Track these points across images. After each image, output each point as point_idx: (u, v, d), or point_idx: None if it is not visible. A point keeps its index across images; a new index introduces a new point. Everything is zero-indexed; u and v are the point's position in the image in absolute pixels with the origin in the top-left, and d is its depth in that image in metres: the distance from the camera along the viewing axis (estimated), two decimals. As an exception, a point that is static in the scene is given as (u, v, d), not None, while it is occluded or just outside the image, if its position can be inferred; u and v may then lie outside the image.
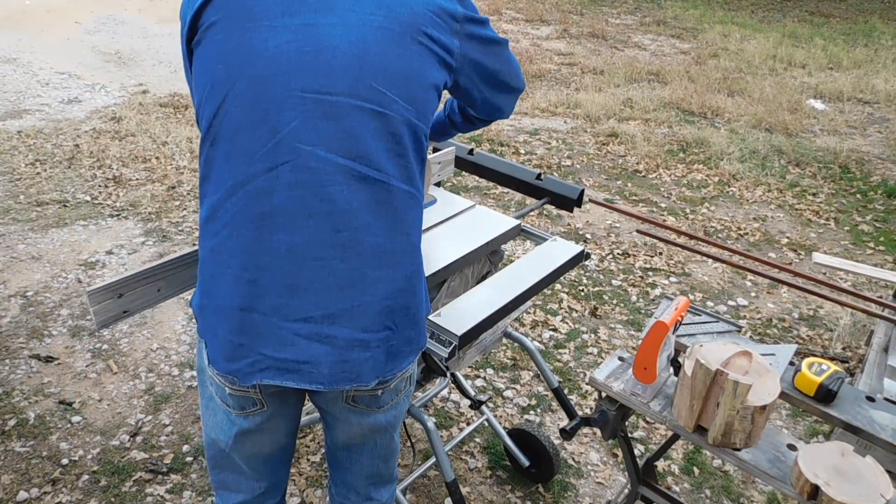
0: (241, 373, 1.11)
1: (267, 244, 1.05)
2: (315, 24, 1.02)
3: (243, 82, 1.02)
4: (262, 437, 1.27)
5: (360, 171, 1.05)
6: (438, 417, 2.50)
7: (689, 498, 2.22)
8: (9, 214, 3.78)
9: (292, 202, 1.04)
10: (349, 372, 1.13)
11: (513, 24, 9.61)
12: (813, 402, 1.39)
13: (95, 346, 2.78)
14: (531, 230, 1.89)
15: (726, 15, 10.81)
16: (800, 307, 3.34)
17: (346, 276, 1.08)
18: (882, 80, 7.25)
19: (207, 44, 1.04)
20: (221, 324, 1.11)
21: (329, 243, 1.06)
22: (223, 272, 1.09)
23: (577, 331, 3.04)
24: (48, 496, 2.10)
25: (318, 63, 1.02)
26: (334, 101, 1.03)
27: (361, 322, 1.11)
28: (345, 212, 1.06)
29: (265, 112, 1.02)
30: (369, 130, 1.05)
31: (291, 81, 1.01)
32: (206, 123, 1.06)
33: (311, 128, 1.02)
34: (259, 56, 1.01)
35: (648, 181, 4.75)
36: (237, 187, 1.05)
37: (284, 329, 1.08)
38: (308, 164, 1.03)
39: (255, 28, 1.01)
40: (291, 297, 1.07)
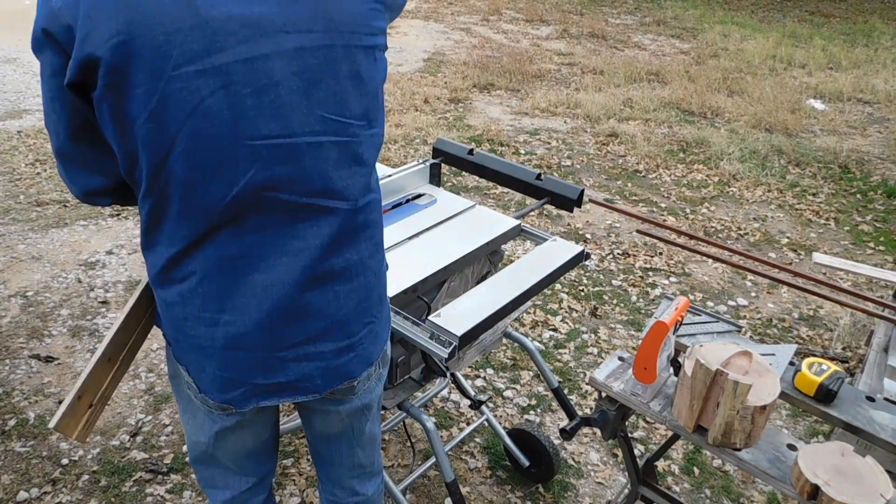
0: (237, 401, 1.13)
1: (242, 285, 1.04)
2: (249, 58, 0.90)
3: (183, 140, 0.91)
4: (243, 434, 1.28)
5: (325, 205, 1.04)
6: (438, 417, 2.50)
7: (689, 498, 2.22)
8: (9, 214, 3.78)
9: (263, 242, 1.02)
10: (341, 374, 1.17)
11: (513, 24, 9.61)
12: (813, 402, 1.39)
13: (95, 346, 2.78)
14: (531, 230, 1.89)
15: (726, 15, 10.81)
16: (800, 307, 3.34)
17: (320, 301, 1.09)
18: (882, 80, 7.25)
19: (124, 101, 0.89)
20: (208, 361, 1.10)
21: (304, 279, 1.06)
22: (198, 316, 1.06)
23: (577, 331, 3.04)
24: (48, 496, 2.10)
25: (263, 106, 0.93)
26: (288, 144, 0.97)
27: (343, 332, 1.14)
28: (315, 247, 1.05)
29: (216, 168, 0.94)
30: (329, 163, 1.02)
31: (237, 131, 0.93)
32: (145, 183, 0.96)
33: (269, 175, 0.97)
34: (195, 110, 0.89)
35: (648, 181, 4.75)
36: (201, 237, 1.00)
37: (272, 358, 1.10)
38: (274, 206, 1.00)
39: (179, 77, 0.87)
40: (272, 331, 1.07)
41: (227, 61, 0.90)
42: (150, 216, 1.01)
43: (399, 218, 1.83)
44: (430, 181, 2.08)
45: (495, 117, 5.86)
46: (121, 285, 3.20)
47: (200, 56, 0.88)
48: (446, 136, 5.11)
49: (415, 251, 1.68)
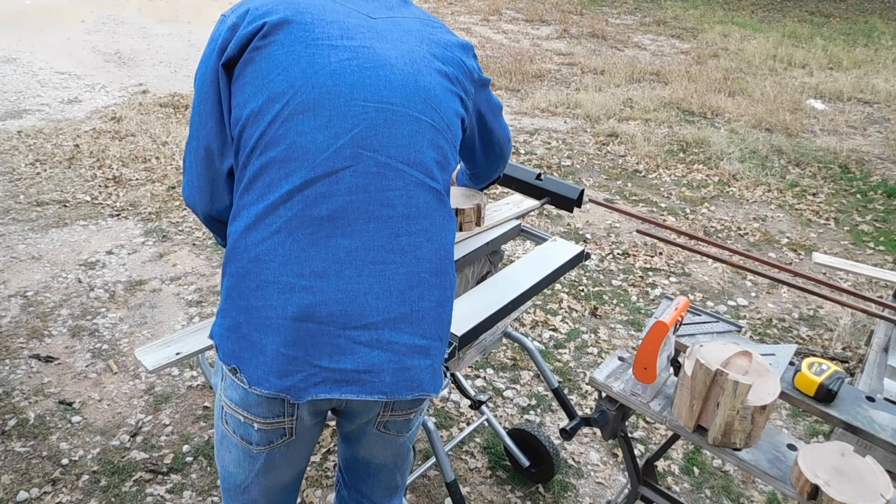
0: (295, 388, 1.05)
1: (325, 249, 1.04)
2: (371, 46, 1.10)
3: (305, 91, 1.05)
4: (283, 469, 1.24)
5: (417, 177, 1.10)
6: (438, 417, 2.50)
7: (689, 498, 2.22)
8: (9, 214, 3.78)
9: (352, 206, 1.05)
10: (411, 380, 1.10)
11: (513, 24, 9.61)
12: (813, 402, 1.39)
13: (95, 346, 2.78)
14: (531, 230, 1.89)
15: (726, 15, 10.81)
16: (800, 307, 3.34)
17: (406, 280, 1.08)
18: (882, 79, 7.25)
19: (263, 59, 1.06)
20: (271, 337, 1.04)
21: (389, 247, 1.07)
22: (273, 281, 1.04)
23: (577, 331, 3.04)
24: (48, 496, 2.10)
25: (378, 77, 1.08)
26: (395, 111, 1.08)
27: (421, 327, 1.10)
28: (404, 216, 1.08)
29: (327, 119, 1.05)
30: (425, 140, 1.11)
31: (353, 91, 1.06)
32: (259, 133, 1.06)
33: (373, 134, 1.06)
34: (322, 69, 1.06)
35: (648, 181, 4.75)
36: (294, 192, 1.04)
37: (343, 337, 1.05)
38: (369, 168, 1.06)
39: (316, 46, 1.07)
40: (350, 303, 1.04)
41: (356, 45, 1.09)
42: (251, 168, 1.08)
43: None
44: None
45: (495, 117, 5.86)
46: (121, 285, 3.20)
47: (335, 38, 1.09)
48: (446, 136, 5.10)
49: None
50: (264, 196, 1.05)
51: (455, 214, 1.25)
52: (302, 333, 1.03)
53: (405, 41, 1.14)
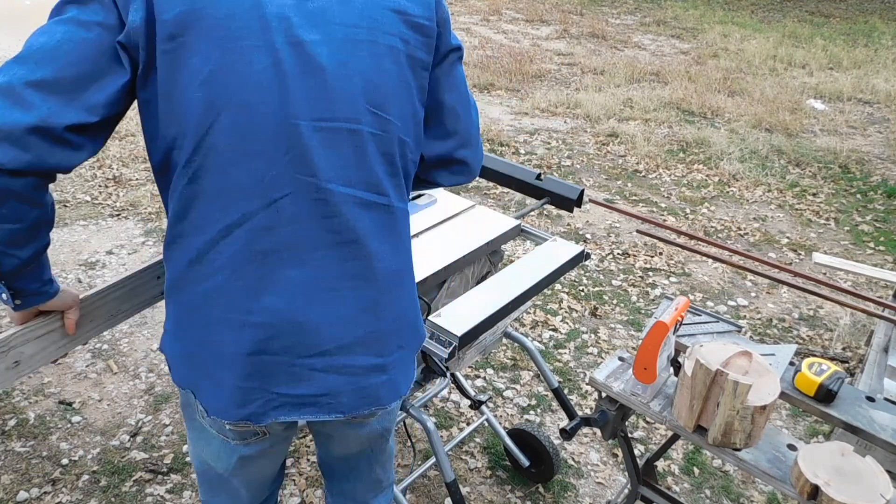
0: (255, 415, 1.06)
1: (273, 283, 1.00)
2: (299, 41, 0.93)
3: (229, 112, 0.92)
4: (264, 462, 1.23)
5: (363, 197, 1.02)
6: (438, 417, 2.50)
7: (689, 498, 2.22)
8: (9, 214, 3.78)
9: (297, 236, 0.99)
10: (368, 397, 1.10)
11: (513, 24, 9.62)
12: (813, 402, 1.39)
13: (95, 346, 2.78)
14: (531, 230, 1.89)
15: (726, 15, 10.81)
16: (800, 307, 3.34)
17: (359, 304, 1.05)
18: (882, 79, 7.25)
19: (178, 68, 0.90)
20: (226, 372, 1.03)
21: (338, 274, 1.02)
22: (224, 317, 1.01)
23: (577, 331, 3.04)
24: (48, 496, 2.10)
25: (308, 87, 0.95)
26: (330, 128, 0.97)
27: (377, 348, 1.09)
28: (351, 241, 1.02)
29: (259, 143, 0.94)
30: (367, 155, 1.01)
31: (284, 109, 0.94)
32: (185, 157, 0.94)
33: (309, 158, 0.96)
34: (245, 82, 0.91)
35: (648, 181, 4.75)
36: (233, 227, 0.97)
37: (298, 366, 1.04)
38: (310, 195, 0.98)
39: (235, 49, 0.90)
40: (303, 333, 1.03)
41: (281, 41, 0.93)
42: (184, 197, 0.97)
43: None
44: None
45: (495, 117, 5.86)
46: (121, 285, 3.20)
47: (256, 33, 0.91)
48: (446, 136, 5.10)
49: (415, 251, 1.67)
50: (202, 230, 0.98)
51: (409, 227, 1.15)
52: (257, 366, 1.03)
53: (339, 22, 0.96)
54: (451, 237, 1.75)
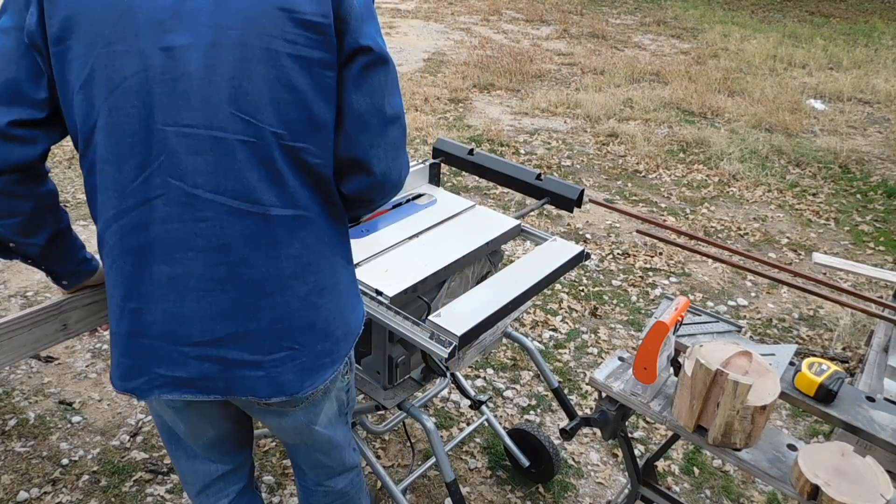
0: (139, 390, 1.14)
1: (147, 275, 1.05)
2: (170, 47, 0.95)
3: (104, 115, 0.97)
4: (200, 419, 1.28)
5: (230, 204, 1.01)
6: (438, 417, 2.50)
7: (689, 498, 2.22)
8: (9, 214, 3.78)
9: (168, 235, 1.03)
10: (243, 387, 1.13)
11: (513, 24, 9.62)
12: (813, 402, 1.39)
13: (95, 346, 2.78)
14: (531, 230, 1.89)
15: (726, 15, 10.81)
16: (800, 307, 3.34)
17: (229, 306, 1.07)
18: (882, 79, 7.25)
19: (65, 68, 0.97)
20: (114, 346, 1.13)
21: (207, 276, 1.05)
22: (112, 298, 1.10)
23: (577, 331, 3.04)
24: (48, 496, 2.10)
25: (176, 94, 0.96)
26: (196, 135, 0.98)
27: (249, 346, 1.10)
28: (219, 247, 1.04)
29: (130, 147, 0.98)
30: (236, 162, 1.00)
31: (153, 114, 0.97)
32: (81, 152, 1.04)
33: (177, 162, 0.99)
34: (117, 88, 0.96)
35: (648, 181, 4.75)
36: (111, 221, 1.04)
37: (175, 352, 1.10)
38: (179, 199, 1.01)
39: (108, 54, 0.95)
40: (177, 324, 1.07)
41: (151, 46, 0.95)
42: (87, 186, 1.07)
43: (399, 218, 1.83)
44: (430, 181, 2.08)
45: (495, 117, 5.86)
46: (121, 285, 3.21)
47: (128, 38, 0.95)
48: (446, 136, 5.11)
49: (415, 251, 1.68)
50: (98, 218, 1.07)
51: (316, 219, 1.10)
52: (137, 346, 1.10)
53: (212, 24, 0.95)
54: (451, 237, 1.75)
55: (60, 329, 1.36)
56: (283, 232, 1.07)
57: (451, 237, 1.75)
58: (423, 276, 1.55)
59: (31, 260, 1.15)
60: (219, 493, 1.42)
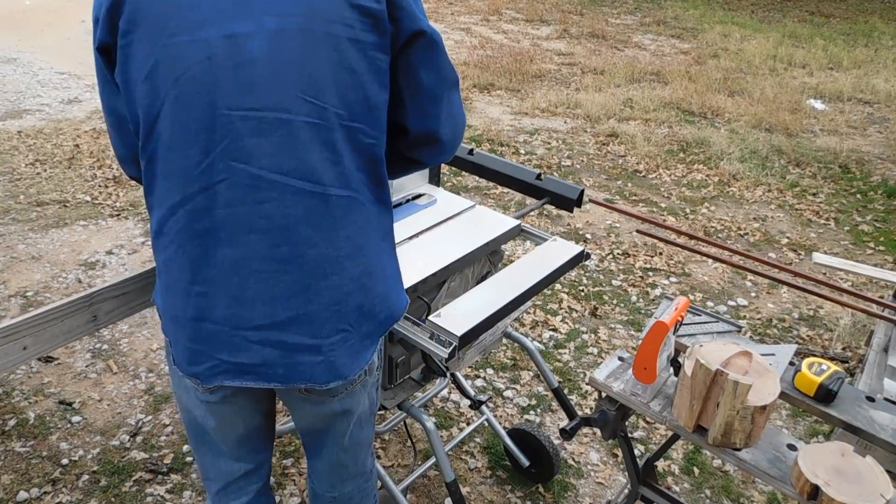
0: (203, 375, 1.16)
1: (212, 259, 1.08)
2: (233, 34, 0.99)
3: (169, 103, 1.02)
4: (230, 415, 1.29)
5: (293, 185, 1.05)
6: (438, 417, 2.50)
7: (689, 498, 2.22)
8: (9, 214, 3.78)
9: (232, 218, 1.06)
10: (302, 373, 1.16)
11: (513, 24, 9.62)
12: (813, 402, 1.39)
13: (95, 346, 2.78)
14: (531, 230, 1.89)
15: (726, 15, 10.81)
16: (800, 307, 3.34)
17: (290, 287, 1.10)
18: (882, 79, 7.25)
19: (129, 61, 1.03)
20: (180, 332, 1.15)
21: (270, 257, 1.08)
22: (175, 285, 1.13)
23: (577, 331, 3.04)
24: (48, 496, 2.10)
25: (240, 79, 1.00)
26: (261, 118, 1.02)
27: (309, 329, 1.13)
28: (282, 227, 1.07)
29: (195, 133, 1.02)
30: (299, 143, 1.04)
31: (216, 100, 1.01)
32: (142, 141, 1.07)
33: (241, 146, 1.02)
34: (181, 76, 1.00)
35: (648, 181, 4.75)
36: (176, 206, 1.07)
37: (237, 336, 1.12)
38: (242, 181, 1.04)
39: (172, 45, 0.99)
40: (240, 307, 1.10)
41: (215, 35, 0.99)
42: (146, 176, 1.11)
43: (399, 218, 1.83)
44: (430, 181, 2.08)
45: (495, 117, 5.86)
46: (121, 285, 3.20)
47: (192, 28, 0.99)
48: (446, 136, 5.09)
49: (415, 251, 1.68)
50: (159, 205, 1.10)
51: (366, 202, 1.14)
52: (202, 332, 1.13)
53: (273, 11, 1.00)
54: (451, 237, 1.75)
55: (91, 320, 1.41)
56: (341, 213, 1.11)
57: (451, 237, 1.75)
58: (423, 276, 1.55)
59: None
60: (238, 491, 1.43)
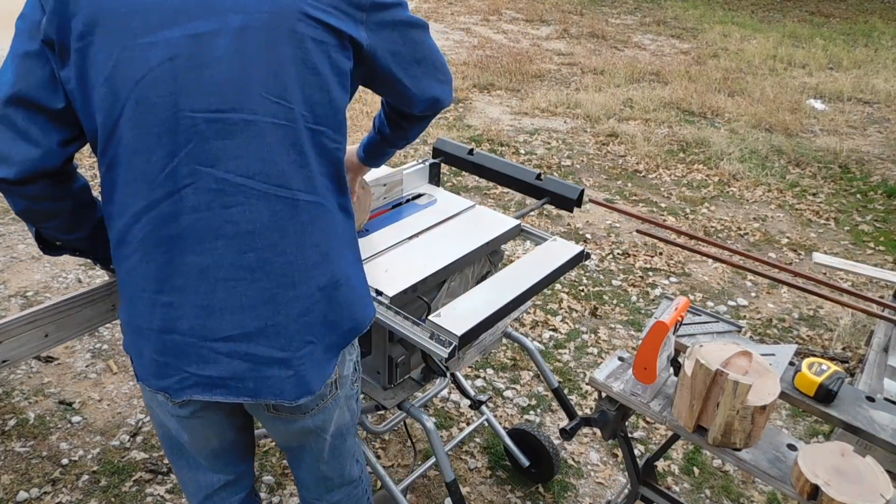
0: (172, 389, 1.13)
1: (179, 267, 1.05)
2: (196, 34, 0.96)
3: (131, 107, 0.98)
4: (203, 428, 1.26)
5: (260, 189, 1.03)
6: (438, 417, 2.50)
7: (689, 498, 2.22)
8: (9, 214, 3.78)
9: (198, 224, 1.03)
10: (272, 388, 1.13)
11: (513, 24, 9.62)
12: (813, 402, 1.39)
13: (95, 346, 2.78)
14: (531, 230, 1.89)
15: (726, 15, 10.81)
16: (800, 307, 3.34)
17: (258, 296, 1.07)
18: (882, 79, 7.25)
19: (86, 63, 0.97)
20: (145, 344, 1.11)
21: (237, 265, 1.05)
22: (139, 295, 1.09)
23: (577, 331, 3.04)
24: (48, 496, 2.10)
25: (204, 79, 0.97)
26: (225, 119, 0.99)
27: (278, 341, 1.10)
28: (248, 232, 1.04)
29: (158, 136, 0.99)
30: (265, 145, 1.01)
31: (180, 102, 0.97)
32: (101, 147, 1.03)
33: (206, 149, 1.00)
34: (143, 78, 0.97)
35: (648, 181, 4.75)
36: (140, 213, 1.03)
37: (205, 348, 1.09)
38: (209, 185, 1.01)
39: (133, 46, 0.96)
40: (208, 317, 1.07)
41: (177, 35, 0.96)
42: (105, 184, 1.06)
43: (399, 218, 1.83)
44: (430, 181, 2.08)
45: (495, 117, 5.86)
46: (121, 285, 3.20)
47: (154, 29, 0.96)
48: (446, 136, 5.11)
49: (415, 251, 1.68)
50: (121, 214, 1.05)
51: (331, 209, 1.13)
52: (168, 343, 1.09)
53: (237, 8, 0.97)
54: (451, 237, 1.75)
55: (110, 309, 1.41)
56: (308, 219, 1.08)
57: (451, 237, 1.75)
58: (423, 276, 1.55)
59: (79, 252, 1.21)
60: (221, 502, 1.41)
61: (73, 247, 1.19)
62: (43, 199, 1.06)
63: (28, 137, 1.00)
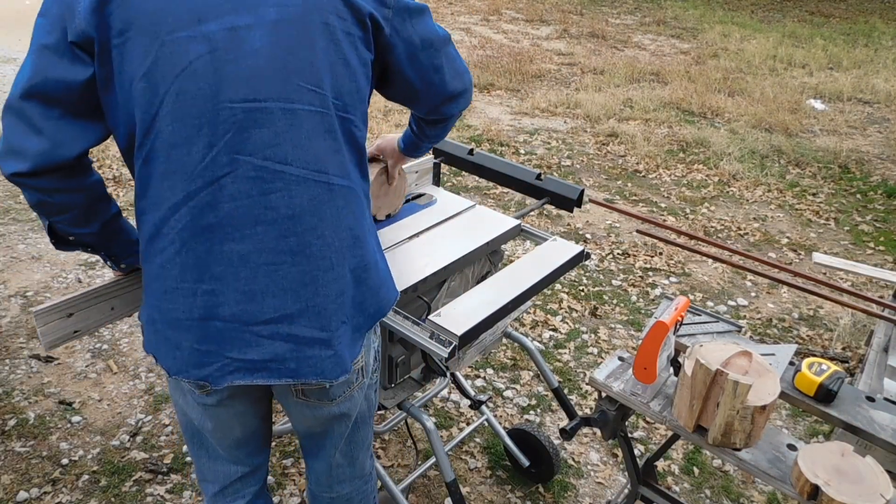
0: (213, 377, 1.14)
1: (219, 255, 1.07)
2: (232, 27, 1.00)
3: (170, 99, 1.00)
4: (227, 417, 1.29)
5: (298, 174, 1.07)
6: (438, 417, 2.50)
7: (689, 498, 2.22)
8: (9, 214, 3.78)
9: (238, 212, 1.06)
10: (313, 367, 1.16)
11: (513, 24, 9.62)
12: (813, 402, 1.39)
13: (95, 346, 2.78)
14: (531, 230, 1.89)
15: (726, 15, 10.81)
16: (800, 307, 3.34)
17: (298, 278, 1.10)
18: (882, 79, 7.25)
19: (123, 60, 0.99)
20: (184, 336, 1.12)
21: (278, 249, 1.08)
22: (177, 286, 1.10)
23: (577, 331, 3.04)
24: (48, 496, 2.10)
25: (241, 71, 1.01)
26: (264, 108, 1.03)
27: (319, 322, 1.13)
28: (288, 217, 1.08)
29: (198, 128, 1.02)
30: (303, 132, 1.06)
31: (218, 93, 1.01)
32: (138, 141, 1.05)
33: (245, 138, 1.03)
34: (183, 71, 0.99)
35: (648, 181, 4.75)
36: (180, 204, 1.05)
37: (248, 332, 1.11)
38: (247, 173, 1.04)
39: (172, 41, 0.99)
40: (249, 302, 1.10)
41: (214, 29, 0.99)
42: (141, 177, 1.08)
43: (399, 218, 1.83)
44: (431, 181, 2.08)
45: (495, 117, 5.86)
46: (121, 285, 3.20)
47: (191, 24, 0.99)
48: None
49: (415, 251, 1.68)
50: (156, 207, 1.07)
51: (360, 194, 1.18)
52: (210, 331, 1.11)
53: (271, 2, 1.01)
54: (451, 237, 1.75)
55: (109, 312, 1.42)
56: (342, 202, 1.13)
57: (451, 237, 1.75)
58: (423, 276, 1.55)
59: (90, 248, 1.22)
60: (235, 493, 1.44)
61: (85, 242, 1.20)
62: (57, 192, 1.08)
63: (43, 131, 1.01)
